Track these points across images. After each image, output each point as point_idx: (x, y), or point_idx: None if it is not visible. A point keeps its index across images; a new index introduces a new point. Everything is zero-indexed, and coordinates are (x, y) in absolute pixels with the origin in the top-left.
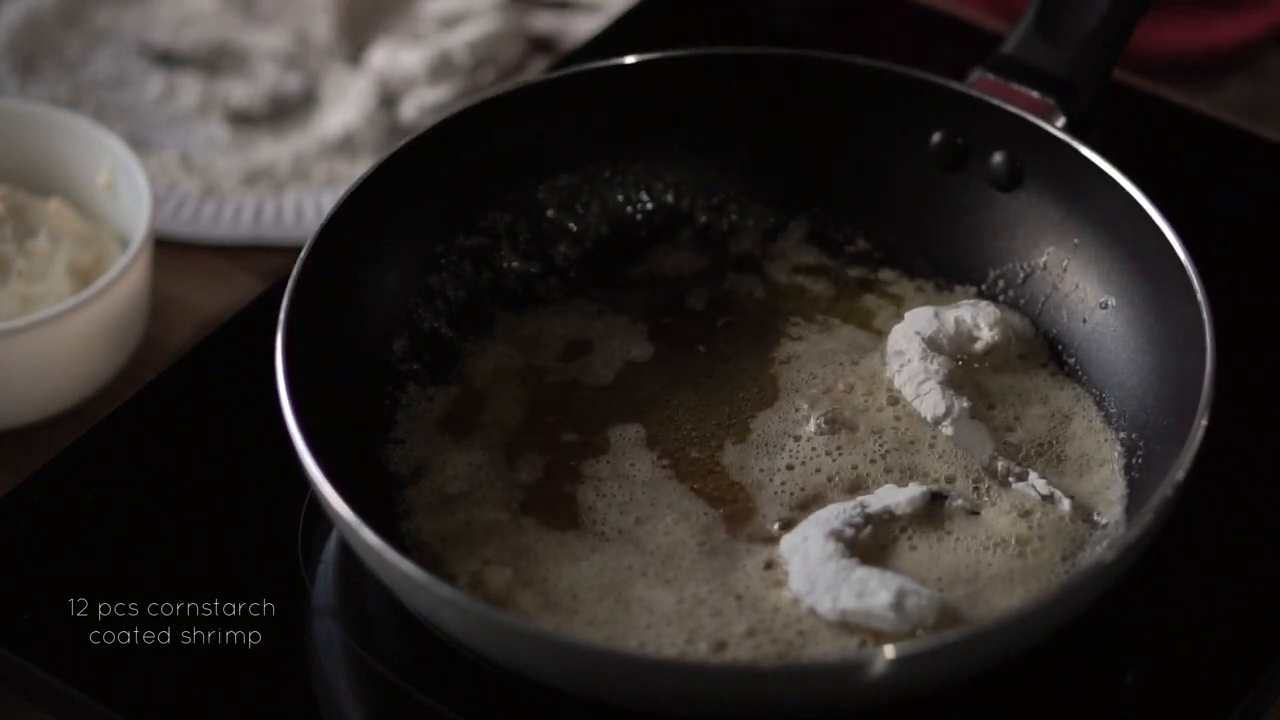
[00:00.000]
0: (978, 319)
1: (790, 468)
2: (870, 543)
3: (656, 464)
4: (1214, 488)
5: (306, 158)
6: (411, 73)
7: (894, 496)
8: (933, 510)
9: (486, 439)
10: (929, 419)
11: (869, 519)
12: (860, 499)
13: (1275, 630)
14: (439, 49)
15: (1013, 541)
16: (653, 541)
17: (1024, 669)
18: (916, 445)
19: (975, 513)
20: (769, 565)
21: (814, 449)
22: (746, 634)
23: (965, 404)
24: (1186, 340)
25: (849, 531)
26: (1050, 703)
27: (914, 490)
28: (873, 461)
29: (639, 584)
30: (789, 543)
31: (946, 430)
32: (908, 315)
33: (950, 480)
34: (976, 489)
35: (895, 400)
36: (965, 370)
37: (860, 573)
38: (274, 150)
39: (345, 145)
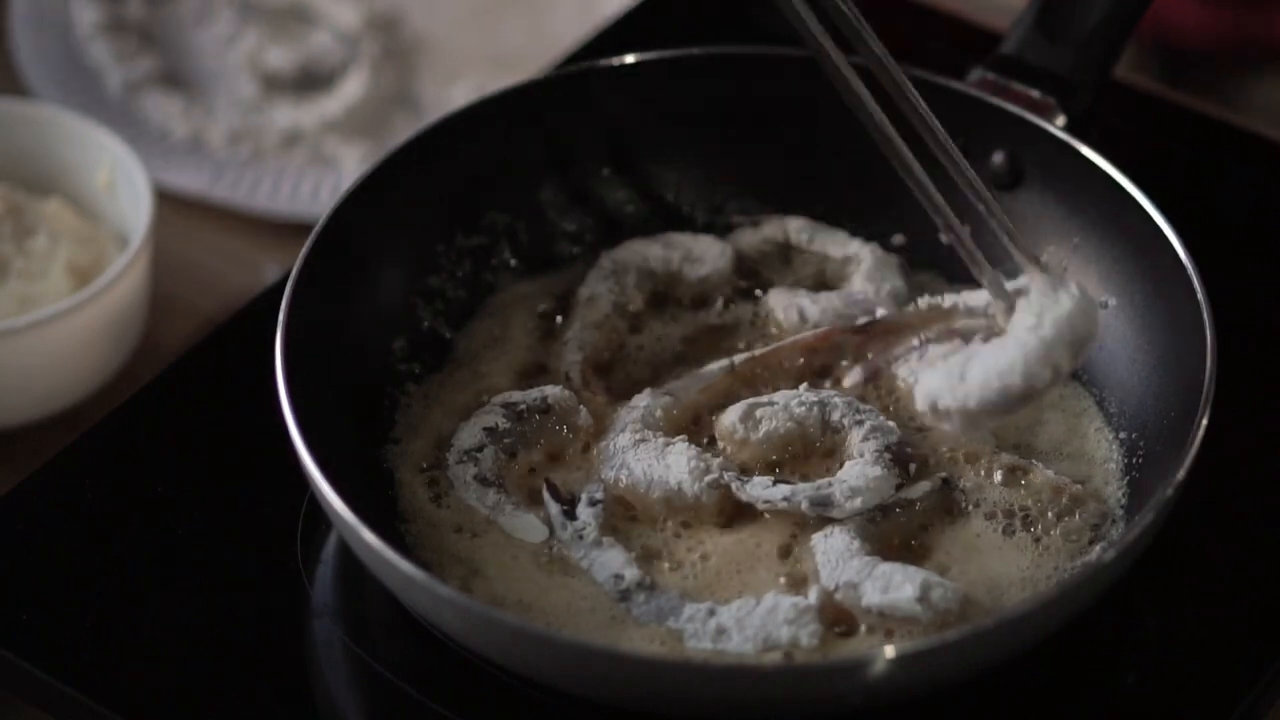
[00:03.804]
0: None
1: (795, 463)
2: (890, 531)
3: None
4: (1214, 488)
5: (303, 131)
6: None
7: (908, 487)
8: (947, 499)
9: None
10: (927, 410)
11: (885, 509)
12: None
13: (1275, 630)
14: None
15: (1019, 524)
16: (649, 548)
17: (1024, 669)
18: (921, 437)
19: (977, 505)
20: (786, 561)
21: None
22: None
23: None
24: (1186, 340)
25: (870, 528)
26: (1050, 703)
27: (926, 481)
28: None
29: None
30: (815, 540)
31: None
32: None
33: (955, 472)
34: (981, 480)
35: (895, 393)
36: None
37: (884, 568)
38: (280, 117)
39: (341, 125)
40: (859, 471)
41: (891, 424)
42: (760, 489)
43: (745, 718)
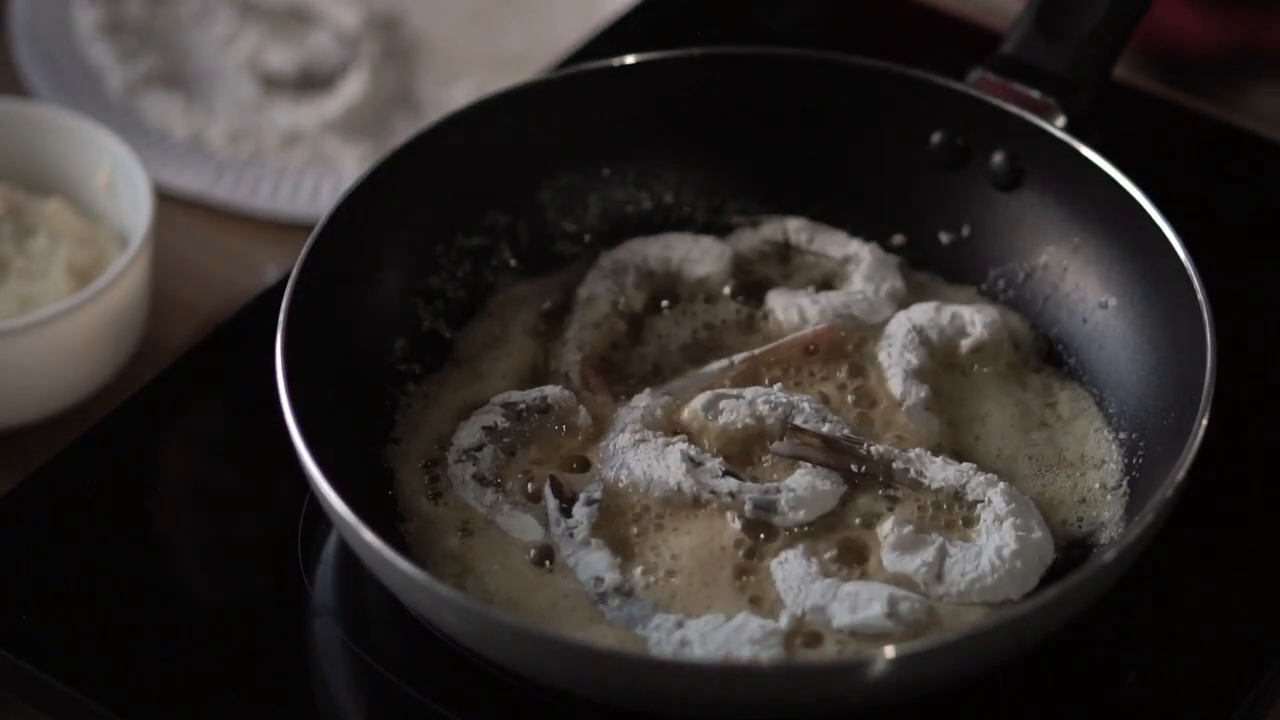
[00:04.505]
0: (974, 316)
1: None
2: (842, 546)
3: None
4: (1214, 488)
5: (303, 131)
6: None
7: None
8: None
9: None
10: (896, 400)
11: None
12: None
13: (1275, 630)
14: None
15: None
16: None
17: (1024, 669)
18: (880, 430)
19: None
20: (747, 574)
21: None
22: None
23: (923, 394)
24: (1186, 340)
25: (825, 549)
26: (1050, 703)
27: (867, 496)
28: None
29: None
30: (772, 568)
31: (903, 414)
32: (913, 305)
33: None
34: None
35: (876, 402)
36: (967, 370)
37: (848, 588)
38: (280, 117)
39: (341, 125)
40: (807, 483)
41: (855, 440)
42: (709, 476)
43: (745, 718)
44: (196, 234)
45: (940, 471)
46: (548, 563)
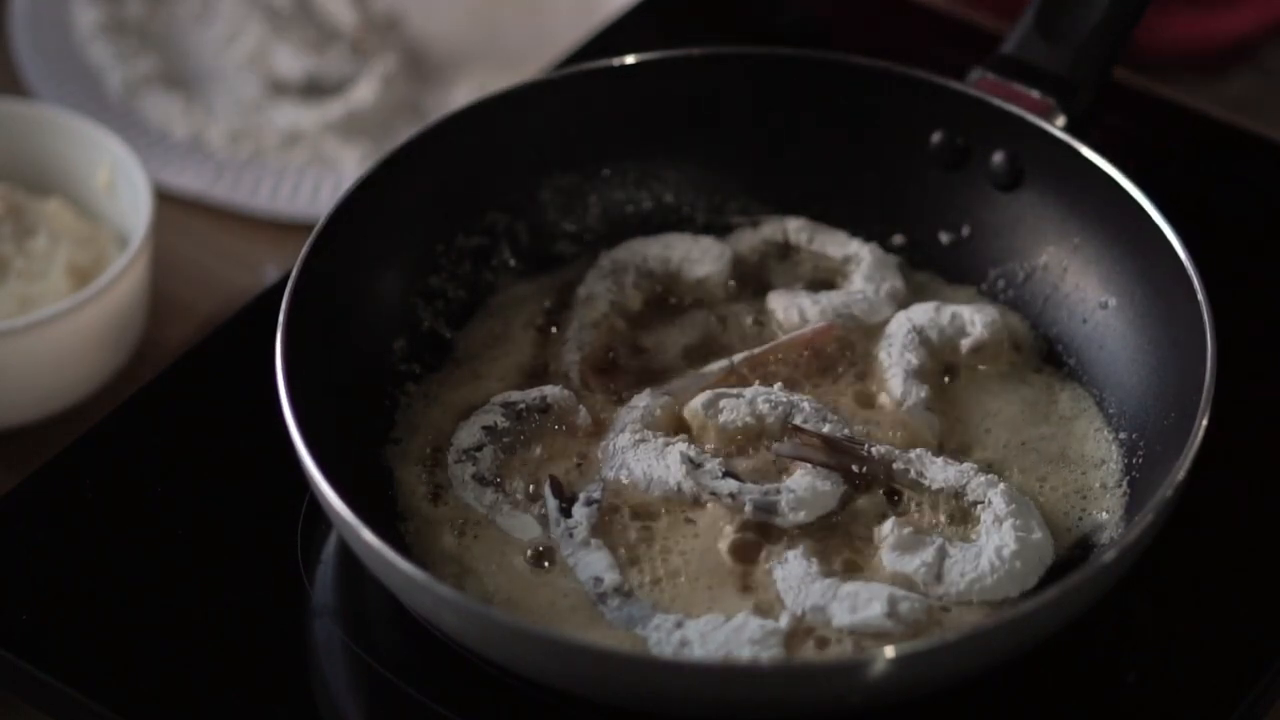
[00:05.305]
0: (974, 316)
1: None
2: (842, 546)
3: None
4: (1214, 488)
5: (303, 132)
6: None
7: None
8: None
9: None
10: (896, 400)
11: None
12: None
13: (1275, 630)
14: None
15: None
16: (634, 560)
17: (1024, 669)
18: (880, 430)
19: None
20: (749, 576)
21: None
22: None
23: (923, 394)
24: (1186, 340)
25: (820, 545)
26: (1050, 703)
27: (867, 496)
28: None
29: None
30: (773, 569)
31: (903, 414)
32: (913, 305)
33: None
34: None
35: (876, 402)
36: (967, 370)
37: (848, 588)
38: (280, 117)
39: (341, 126)
40: (807, 483)
41: (855, 440)
42: (709, 478)
43: (745, 718)
44: (196, 234)
45: (940, 472)
46: (547, 563)
